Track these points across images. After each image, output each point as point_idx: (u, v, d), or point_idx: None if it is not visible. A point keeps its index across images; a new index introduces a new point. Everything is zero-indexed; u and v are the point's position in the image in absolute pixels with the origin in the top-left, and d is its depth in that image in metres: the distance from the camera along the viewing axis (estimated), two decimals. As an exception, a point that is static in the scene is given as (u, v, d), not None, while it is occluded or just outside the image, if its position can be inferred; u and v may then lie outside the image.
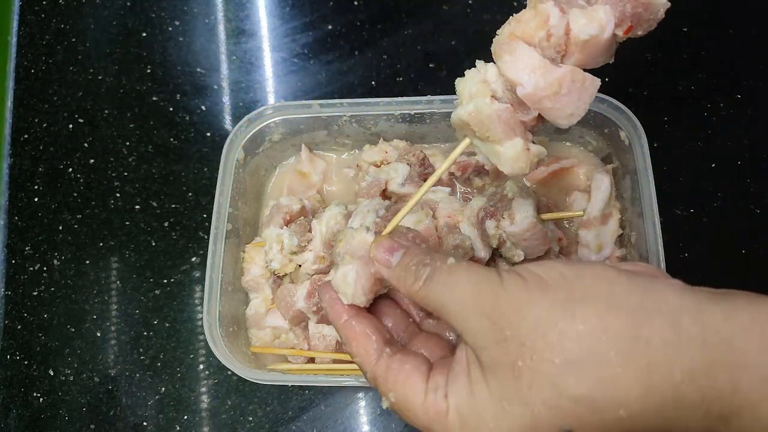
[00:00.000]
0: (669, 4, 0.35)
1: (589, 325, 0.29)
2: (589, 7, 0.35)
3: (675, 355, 0.28)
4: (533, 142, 0.40)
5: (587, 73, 0.37)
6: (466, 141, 0.40)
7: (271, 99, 0.77)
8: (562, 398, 0.29)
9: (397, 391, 0.36)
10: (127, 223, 0.72)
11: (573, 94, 0.36)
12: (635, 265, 0.35)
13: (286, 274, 0.63)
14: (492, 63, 0.38)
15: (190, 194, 0.72)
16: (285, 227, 0.61)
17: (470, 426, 0.32)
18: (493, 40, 0.38)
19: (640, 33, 0.37)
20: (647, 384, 0.28)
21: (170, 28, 0.81)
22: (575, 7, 0.36)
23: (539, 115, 0.38)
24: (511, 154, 0.38)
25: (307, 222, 0.61)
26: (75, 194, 0.74)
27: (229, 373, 0.63)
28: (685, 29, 0.73)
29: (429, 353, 0.38)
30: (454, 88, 0.40)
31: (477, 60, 0.39)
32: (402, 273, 0.36)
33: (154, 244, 0.71)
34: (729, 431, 0.28)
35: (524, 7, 0.38)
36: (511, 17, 0.38)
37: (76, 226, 0.72)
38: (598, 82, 0.37)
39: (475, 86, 0.38)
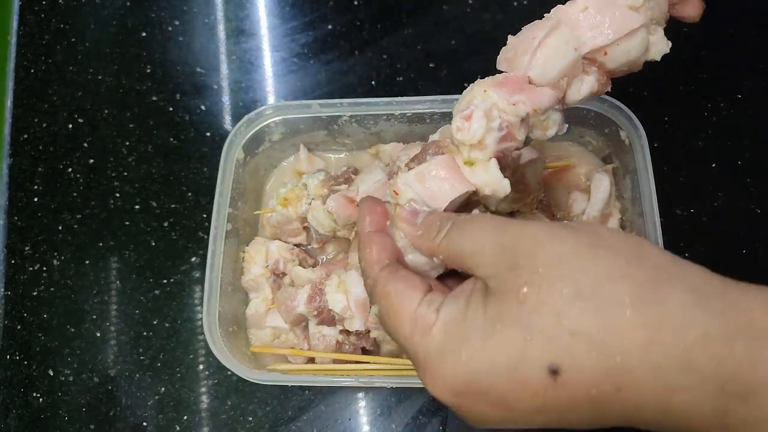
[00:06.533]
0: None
1: (611, 268, 0.29)
2: None
3: (691, 317, 0.27)
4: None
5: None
6: None
7: (271, 99, 0.77)
8: (562, 329, 0.28)
9: (391, 298, 0.35)
10: (127, 223, 0.72)
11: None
12: None
13: (285, 274, 0.63)
14: None
15: (190, 194, 0.72)
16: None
17: (452, 342, 0.31)
18: None
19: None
20: (653, 337, 0.27)
21: (170, 28, 0.81)
22: None
23: None
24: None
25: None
26: (75, 194, 0.74)
27: (229, 373, 0.63)
28: (686, 29, 0.73)
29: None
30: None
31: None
32: (425, 229, 0.36)
33: (153, 244, 0.71)
34: (745, 412, 0.26)
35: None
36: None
37: (75, 226, 0.72)
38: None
39: None
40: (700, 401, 0.27)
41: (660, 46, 0.40)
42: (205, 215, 0.71)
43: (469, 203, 0.39)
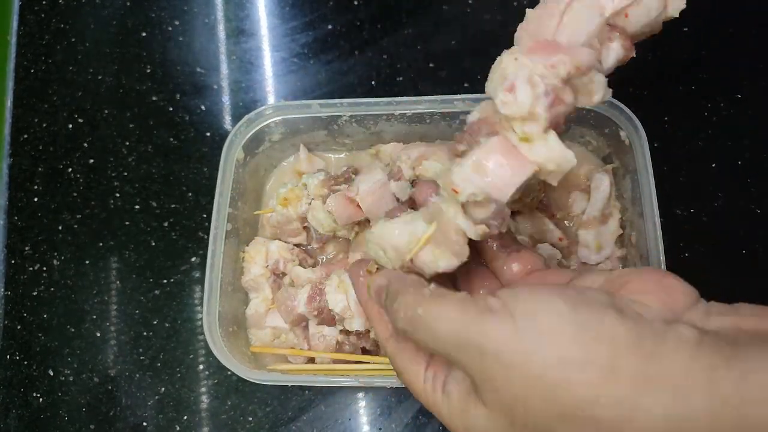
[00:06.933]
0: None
1: (587, 391, 0.27)
2: None
3: (677, 428, 0.26)
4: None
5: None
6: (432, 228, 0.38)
7: (271, 99, 0.77)
8: None
9: (401, 373, 0.37)
10: (127, 223, 0.72)
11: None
12: (649, 292, 0.31)
13: (285, 274, 0.63)
14: None
15: (190, 194, 0.72)
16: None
17: (461, 424, 0.33)
18: None
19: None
20: None
21: (170, 28, 0.81)
22: None
23: None
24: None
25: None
26: (75, 194, 0.74)
27: (229, 373, 0.63)
28: (686, 29, 0.73)
29: None
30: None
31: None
32: (392, 314, 0.35)
33: (153, 244, 0.71)
34: None
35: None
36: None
37: (75, 226, 0.72)
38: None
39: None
40: None
41: (678, 1, 0.37)
42: (205, 215, 0.71)
43: (523, 186, 0.37)
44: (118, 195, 0.73)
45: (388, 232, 0.38)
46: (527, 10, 0.38)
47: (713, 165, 0.68)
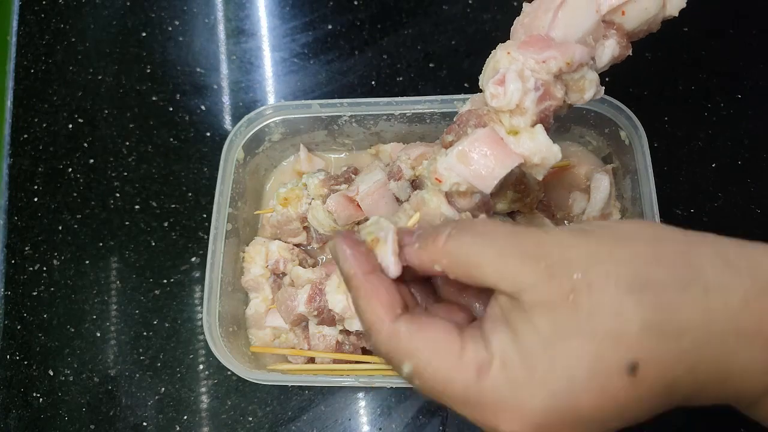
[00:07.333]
0: None
1: (643, 252, 0.28)
2: None
3: (728, 281, 0.28)
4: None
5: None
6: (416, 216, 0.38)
7: (271, 99, 0.77)
8: (628, 325, 0.27)
9: (424, 352, 0.30)
10: (127, 223, 0.72)
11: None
12: None
13: (285, 274, 0.63)
14: None
15: (190, 194, 0.72)
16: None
17: (518, 374, 0.28)
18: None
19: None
20: (707, 310, 0.27)
21: (170, 28, 0.81)
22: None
23: None
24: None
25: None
26: (75, 194, 0.74)
27: (229, 373, 0.63)
28: (686, 29, 0.73)
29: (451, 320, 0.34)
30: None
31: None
32: (423, 239, 0.32)
33: (153, 244, 0.71)
34: None
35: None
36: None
37: (75, 226, 0.72)
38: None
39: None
40: (753, 362, 0.27)
41: (677, 1, 0.37)
42: (205, 215, 0.71)
43: (508, 178, 0.37)
44: (118, 195, 0.73)
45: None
46: (524, 3, 0.38)
47: (713, 165, 0.68)
